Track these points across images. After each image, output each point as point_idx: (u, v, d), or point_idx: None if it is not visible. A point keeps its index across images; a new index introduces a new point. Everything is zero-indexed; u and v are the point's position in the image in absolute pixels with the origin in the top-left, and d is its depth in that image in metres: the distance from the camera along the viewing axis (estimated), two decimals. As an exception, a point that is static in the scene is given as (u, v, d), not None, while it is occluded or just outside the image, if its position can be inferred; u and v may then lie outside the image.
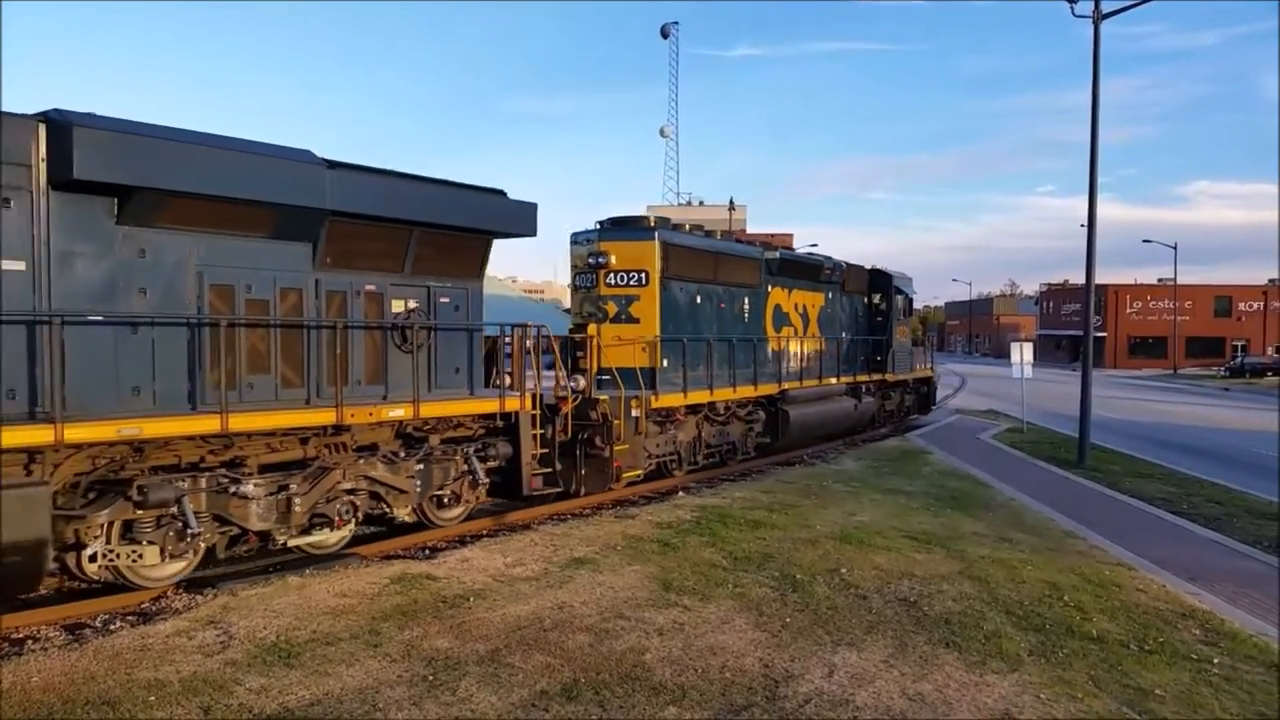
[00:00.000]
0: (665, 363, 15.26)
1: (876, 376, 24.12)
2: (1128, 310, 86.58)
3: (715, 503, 13.39)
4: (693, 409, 16.21)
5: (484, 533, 11.78)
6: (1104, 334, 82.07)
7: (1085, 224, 20.00)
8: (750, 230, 57.31)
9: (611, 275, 15.20)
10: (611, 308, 15.17)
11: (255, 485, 9.47)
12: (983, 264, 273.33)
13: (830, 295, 21.89)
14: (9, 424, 7.48)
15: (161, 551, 8.94)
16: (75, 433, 7.86)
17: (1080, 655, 7.38)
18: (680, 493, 14.74)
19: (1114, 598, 9.02)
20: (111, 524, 8.64)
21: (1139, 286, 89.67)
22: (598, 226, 15.83)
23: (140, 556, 8.81)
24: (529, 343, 12.67)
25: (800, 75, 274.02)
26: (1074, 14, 19.30)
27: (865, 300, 24.32)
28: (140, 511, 8.68)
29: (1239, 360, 72.56)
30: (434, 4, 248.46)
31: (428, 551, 10.74)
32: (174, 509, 8.80)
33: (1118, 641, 7.72)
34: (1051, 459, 20.11)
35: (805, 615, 8.18)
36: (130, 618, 8.17)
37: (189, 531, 8.82)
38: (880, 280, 24.94)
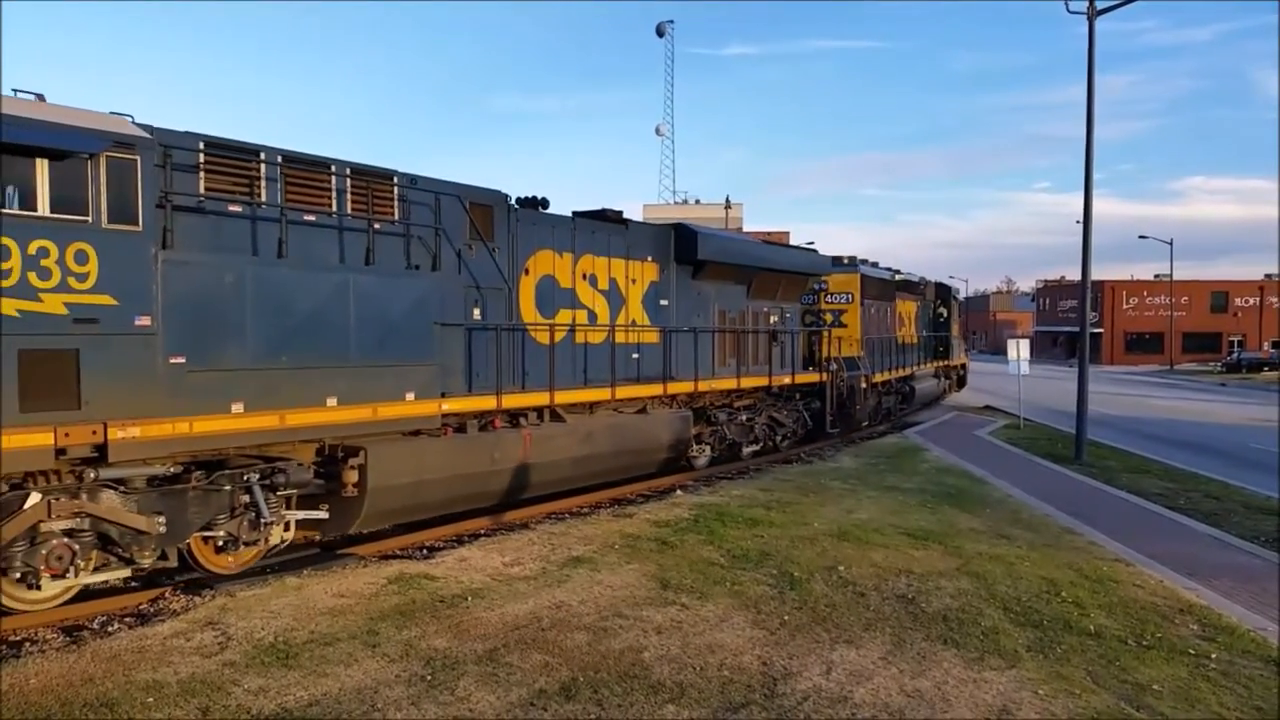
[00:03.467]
0: (863, 353, 22.55)
1: (943, 363, 33.75)
2: (1124, 306, 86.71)
3: (713, 501, 13.40)
4: (881, 384, 24.36)
5: (481, 532, 11.77)
6: (1101, 330, 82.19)
7: (1081, 220, 20.00)
8: (747, 228, 57.24)
9: (829, 296, 22.52)
10: (828, 317, 22.22)
11: (745, 417, 17.91)
12: (979, 260, 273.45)
13: (918, 304, 30.15)
14: (672, 381, 15.33)
15: (712, 449, 17.03)
16: (702, 385, 15.97)
17: (1078, 651, 7.39)
18: (678, 491, 14.74)
19: (1111, 593, 9.04)
20: (694, 434, 16.10)
21: (1135, 282, 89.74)
22: None
23: (704, 453, 16.86)
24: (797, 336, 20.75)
25: (793, 73, 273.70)
26: (1069, 10, 19.33)
27: (933, 306, 32.88)
28: (708, 428, 16.79)
29: (1235, 355, 72.69)
30: (423, 4, 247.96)
31: (425, 551, 10.74)
32: (720, 428, 17.11)
33: (1115, 637, 7.74)
34: (1049, 455, 20.13)
35: (803, 613, 8.18)
36: (128, 619, 8.15)
37: (725, 440, 17.27)
38: (943, 291, 34.68)
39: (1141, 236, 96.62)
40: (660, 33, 68.27)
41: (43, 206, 7.45)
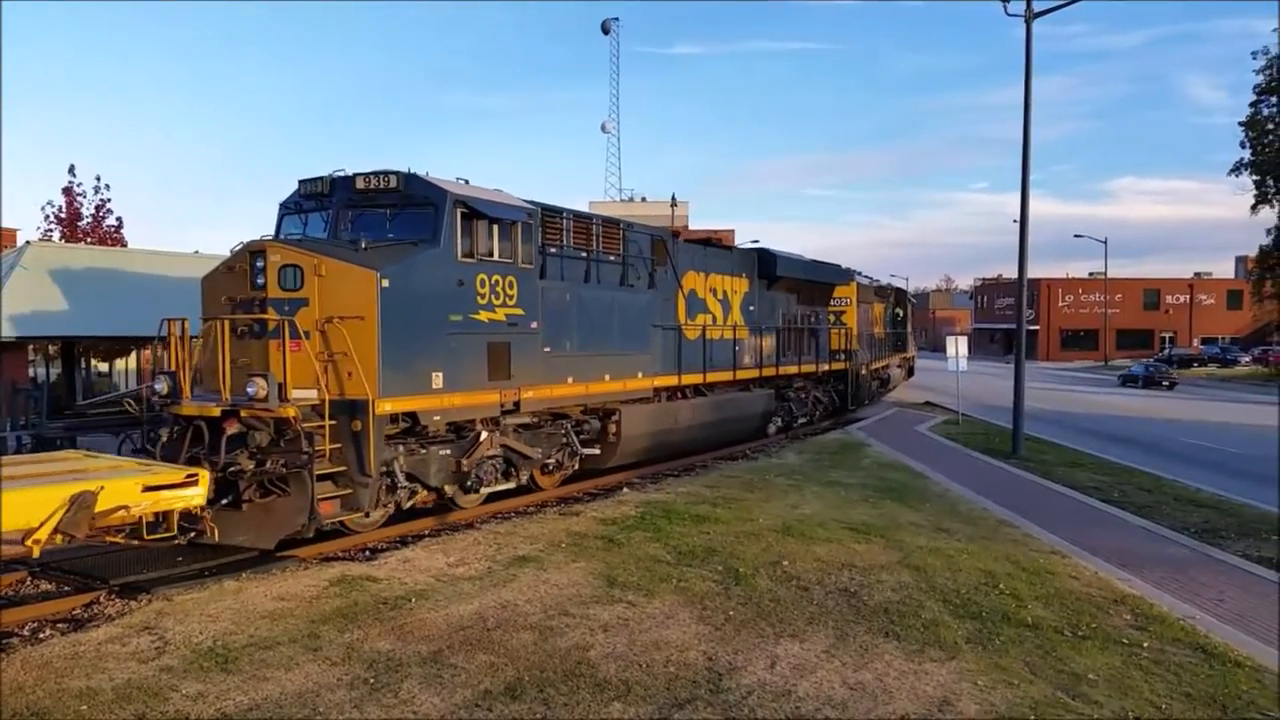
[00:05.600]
0: (858, 345, 27.38)
1: (902, 355, 39.83)
2: (1060, 304, 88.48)
3: (659, 498, 13.44)
4: (871, 372, 30.46)
5: (426, 532, 11.65)
6: (1037, 327, 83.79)
7: (1018, 219, 20.42)
8: (692, 226, 57.36)
9: (832, 300, 25.91)
10: (832, 318, 25.79)
11: (802, 395, 23.46)
12: (919, 259, 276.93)
13: (884, 305, 35.06)
14: (763, 367, 20.42)
15: (781, 420, 21.99)
16: (782, 370, 21.40)
17: (1016, 642, 7.54)
18: (625, 489, 14.75)
19: (1048, 585, 9.23)
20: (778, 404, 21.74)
21: (1071, 280, 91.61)
22: None
23: (775, 423, 21.55)
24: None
25: (738, 73, 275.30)
26: (1007, 13, 19.71)
27: (894, 307, 37.89)
28: (779, 404, 21.68)
29: (1167, 351, 74.66)
30: (375, 3, 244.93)
31: (368, 553, 10.59)
32: (788, 403, 22.52)
33: (1052, 628, 7.91)
34: (986, 450, 20.53)
35: (748, 608, 8.24)
36: (60, 625, 7.94)
37: (791, 414, 22.54)
38: (900, 294, 41.78)
39: (1077, 235, 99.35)
40: (606, 30, 67.96)
41: (496, 254, 11.69)
